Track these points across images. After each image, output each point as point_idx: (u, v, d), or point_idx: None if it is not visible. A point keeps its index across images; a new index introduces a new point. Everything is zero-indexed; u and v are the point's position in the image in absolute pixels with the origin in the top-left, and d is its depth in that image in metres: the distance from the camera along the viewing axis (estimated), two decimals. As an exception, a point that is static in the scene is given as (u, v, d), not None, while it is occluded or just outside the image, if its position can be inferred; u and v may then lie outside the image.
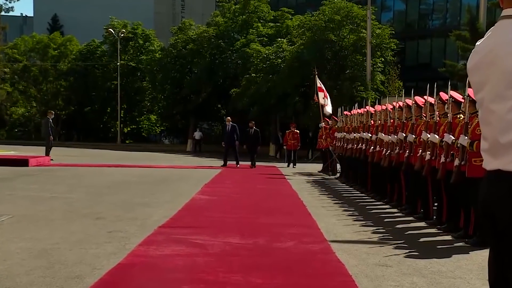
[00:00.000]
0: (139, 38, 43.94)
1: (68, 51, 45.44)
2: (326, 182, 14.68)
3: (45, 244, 5.59)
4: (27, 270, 4.61)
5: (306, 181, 14.94)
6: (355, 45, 29.65)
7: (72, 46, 45.84)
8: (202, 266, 4.96)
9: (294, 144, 21.40)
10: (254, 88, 30.94)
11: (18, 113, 47.37)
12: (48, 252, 5.25)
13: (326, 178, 16.10)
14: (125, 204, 8.88)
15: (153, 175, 15.23)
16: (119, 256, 5.20)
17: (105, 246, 5.66)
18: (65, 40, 46.17)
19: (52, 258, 5.01)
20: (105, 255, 5.24)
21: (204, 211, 8.58)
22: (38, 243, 5.65)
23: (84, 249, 5.47)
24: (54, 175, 14.20)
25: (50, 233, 6.24)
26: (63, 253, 5.24)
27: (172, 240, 6.05)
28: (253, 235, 6.52)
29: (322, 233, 6.76)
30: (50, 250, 5.35)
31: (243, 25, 37.01)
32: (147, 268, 4.85)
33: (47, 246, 5.50)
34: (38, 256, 5.08)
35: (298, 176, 16.79)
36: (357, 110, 13.73)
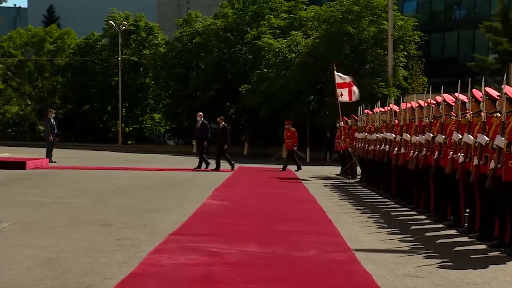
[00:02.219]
0: (141, 31, 44.12)
1: (66, 45, 45.69)
2: (346, 186, 14.70)
3: (50, 253, 5.68)
4: (34, 280, 4.69)
5: (324, 185, 14.97)
6: (376, 38, 29.62)
7: (70, 39, 46.09)
8: (219, 276, 5.02)
9: (289, 144, 20.50)
10: (266, 85, 31.00)
11: (12, 112, 47.69)
12: (55, 261, 5.33)
13: (345, 182, 16.13)
14: (132, 210, 8.97)
15: (159, 178, 15.33)
16: (130, 265, 5.28)
17: (115, 254, 5.74)
18: (63, 33, 46.42)
19: (60, 268, 5.09)
20: (116, 264, 5.32)
21: (216, 217, 8.65)
22: (44, 251, 5.74)
23: (93, 258, 5.55)
24: (54, 178, 14.34)
25: (55, 240, 6.32)
26: (71, 262, 5.32)
27: (185, 248, 6.12)
28: (271, 243, 6.58)
29: (346, 242, 6.80)
30: (56, 258, 5.44)
31: (254, 16, 37.09)
32: (161, 278, 4.92)
33: (53, 255, 5.59)
34: (45, 265, 5.17)
35: (315, 180, 16.82)
36: (380, 108, 13.74)
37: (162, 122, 45.82)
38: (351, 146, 17.11)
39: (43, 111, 46.54)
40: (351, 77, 19.47)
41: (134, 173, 16.86)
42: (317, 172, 20.45)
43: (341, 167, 18.67)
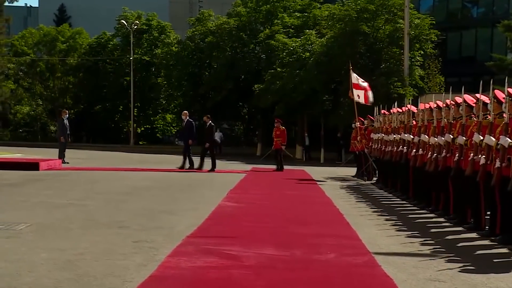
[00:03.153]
0: (153, 31, 44.32)
1: (78, 44, 45.97)
2: (362, 188, 14.69)
3: (69, 255, 5.75)
4: (55, 282, 4.76)
5: (340, 186, 14.98)
6: (391, 37, 29.56)
7: (82, 39, 46.39)
8: (239, 280, 5.06)
9: (278, 143, 20.36)
10: (279, 84, 31.03)
11: (23, 112, 48.11)
12: (74, 264, 5.40)
13: (361, 184, 16.12)
14: (147, 212, 9.04)
15: (172, 179, 15.42)
16: (149, 268, 5.34)
17: (133, 257, 5.81)
18: (74, 32, 46.74)
19: (79, 270, 5.16)
20: (134, 267, 5.38)
21: (232, 219, 8.71)
22: (62, 253, 5.81)
23: (111, 260, 5.61)
24: (67, 179, 14.48)
25: (73, 243, 6.40)
26: (90, 265, 5.39)
27: (203, 251, 6.17)
28: (288, 246, 6.61)
29: (364, 245, 6.81)
30: (75, 261, 5.51)
31: (267, 15, 37.14)
32: (180, 281, 4.97)
33: (72, 257, 5.66)
34: (64, 268, 5.24)
35: (331, 181, 16.83)
36: (397, 109, 13.72)
37: (173, 123, 45.98)
38: (367, 147, 17.08)
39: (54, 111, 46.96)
40: (367, 82, 19.41)
41: (147, 174, 16.96)
42: (332, 173, 20.46)
43: (357, 168, 18.65)
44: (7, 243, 6.25)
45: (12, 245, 6.12)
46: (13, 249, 5.95)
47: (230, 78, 36.63)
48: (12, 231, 6.92)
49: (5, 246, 6.06)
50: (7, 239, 6.46)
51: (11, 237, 6.56)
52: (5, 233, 6.78)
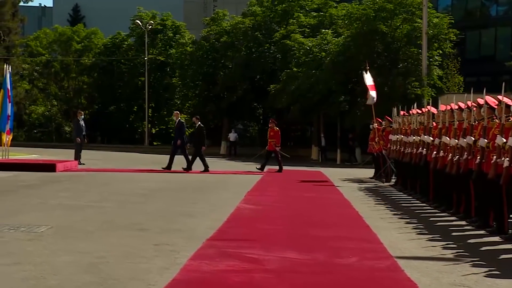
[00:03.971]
0: (168, 31, 44.52)
1: (93, 44, 46.32)
2: (381, 190, 14.67)
3: (91, 258, 5.83)
4: (79, 285, 4.83)
5: (358, 188, 14.96)
6: (409, 36, 29.46)
7: (97, 39, 46.73)
8: (262, 284, 5.10)
9: (271, 144, 20.15)
10: (295, 84, 31.05)
11: (38, 113, 48.55)
12: (97, 267, 5.48)
13: (379, 186, 16.09)
14: (165, 214, 9.12)
15: (188, 181, 15.51)
16: (172, 271, 5.39)
17: (155, 260, 5.87)
18: (90, 32, 47.12)
19: (102, 273, 5.23)
20: (157, 270, 5.44)
21: (251, 222, 8.75)
22: (84, 256, 5.89)
23: (134, 263, 5.68)
24: (84, 181, 14.62)
25: (94, 245, 6.48)
26: (113, 268, 5.46)
27: (224, 254, 6.22)
28: (310, 250, 6.64)
29: (386, 248, 6.82)
30: (98, 264, 5.58)
31: (283, 15, 37.17)
32: (203, 285, 5.03)
33: (94, 260, 5.74)
34: (88, 271, 5.31)
35: (348, 183, 16.83)
36: (416, 110, 13.68)
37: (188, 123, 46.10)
38: (385, 148, 17.05)
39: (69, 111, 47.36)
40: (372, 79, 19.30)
41: (162, 176, 17.06)
42: (350, 174, 20.45)
43: (375, 170, 18.61)
44: (30, 245, 6.34)
45: (34, 248, 6.21)
46: (35, 251, 6.04)
47: (245, 78, 36.73)
48: (33, 234, 7.01)
49: (27, 249, 6.15)
50: (29, 241, 6.56)
51: (33, 240, 6.65)
52: (27, 235, 6.88)
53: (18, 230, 7.18)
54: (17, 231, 7.15)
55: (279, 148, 20.37)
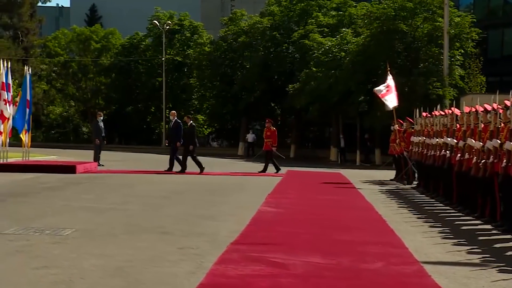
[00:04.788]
0: (186, 31, 44.73)
1: (111, 44, 46.66)
2: (402, 193, 14.64)
3: (117, 261, 5.92)
4: (108, 289, 4.92)
5: (379, 191, 14.95)
6: (430, 36, 29.32)
7: (115, 39, 47.08)
8: (288, 289, 5.15)
9: (268, 144, 20.08)
10: (314, 84, 31.03)
11: (56, 113, 49.04)
12: (124, 270, 5.56)
13: (401, 188, 16.05)
14: (188, 217, 9.21)
15: (208, 183, 15.59)
16: (198, 275, 5.46)
17: (180, 264, 5.94)
18: (107, 33, 47.48)
19: (129, 277, 5.32)
20: (183, 274, 5.51)
21: (274, 225, 8.79)
22: (110, 260, 5.99)
23: (160, 267, 5.76)
24: (105, 183, 14.78)
25: (119, 249, 6.57)
26: (139, 272, 5.54)
27: (249, 258, 6.27)
28: (334, 254, 6.67)
29: (411, 253, 6.83)
30: (125, 268, 5.67)
31: (301, 14, 37.17)
32: (231, 290, 5.09)
33: (120, 264, 5.83)
34: (115, 275, 5.40)
35: (369, 185, 16.80)
36: (439, 111, 13.63)
37: (205, 124, 46.35)
38: (407, 150, 17.00)
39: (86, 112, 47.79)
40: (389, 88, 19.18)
41: (182, 178, 17.18)
42: (370, 176, 20.41)
43: (396, 172, 18.57)
44: (56, 248, 6.45)
45: (61, 251, 6.32)
46: (62, 255, 6.15)
47: (263, 79, 36.79)
48: (58, 237, 7.13)
49: (54, 252, 6.25)
50: (55, 244, 6.67)
51: (58, 243, 6.76)
52: (53, 239, 6.99)
53: (43, 233, 7.30)
54: (42, 234, 7.28)
55: (275, 148, 20.30)
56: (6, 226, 7.65)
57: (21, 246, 6.48)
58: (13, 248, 6.39)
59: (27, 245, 6.58)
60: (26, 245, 6.57)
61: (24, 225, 7.79)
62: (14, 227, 7.60)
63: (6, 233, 7.25)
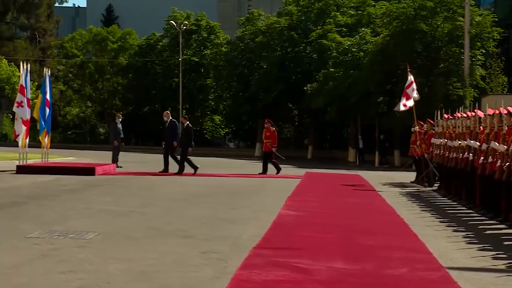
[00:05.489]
0: (203, 31, 44.89)
1: (128, 45, 46.92)
2: (424, 195, 14.59)
3: (142, 266, 6.00)
4: (134, 295, 5.00)
5: (400, 193, 14.91)
6: (451, 35, 29.17)
7: (132, 39, 47.36)
8: (314, 295, 5.19)
9: (267, 145, 20.03)
10: (332, 85, 31.01)
11: (72, 114, 49.45)
12: (148, 275, 5.64)
13: (422, 190, 15.99)
14: (208, 220, 9.27)
15: (227, 185, 15.67)
16: (223, 281, 5.52)
17: (204, 268, 6.00)
18: (124, 33, 47.78)
19: (155, 282, 5.39)
20: (208, 279, 5.57)
21: (295, 229, 8.83)
22: (134, 264, 6.07)
23: (184, 272, 5.83)
24: (124, 185, 14.92)
25: (142, 253, 6.65)
26: (164, 276, 5.62)
27: (272, 263, 6.32)
28: (358, 259, 6.68)
29: (436, 258, 6.83)
30: (149, 272, 5.74)
31: (319, 14, 37.14)
32: (256, 296, 5.13)
33: (145, 268, 5.90)
34: (140, 279, 5.48)
35: (389, 187, 16.77)
36: (462, 113, 13.57)
37: (222, 124, 46.47)
38: (427, 152, 16.94)
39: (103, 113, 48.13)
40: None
41: (201, 180, 17.27)
42: (390, 178, 20.35)
43: (416, 174, 18.48)
44: (80, 252, 6.55)
45: (85, 255, 6.41)
46: (87, 259, 6.24)
47: (281, 79, 36.83)
48: (82, 240, 7.23)
49: (79, 256, 6.35)
50: (79, 248, 6.77)
51: (83, 247, 6.86)
52: (76, 242, 7.10)
53: (67, 237, 7.41)
54: (66, 237, 7.39)
55: (275, 149, 20.27)
56: (30, 230, 7.78)
57: (47, 250, 6.58)
58: (38, 252, 6.50)
59: (52, 249, 6.68)
60: (51, 249, 6.68)
61: (47, 229, 7.91)
62: (38, 231, 7.72)
63: (31, 236, 7.37)
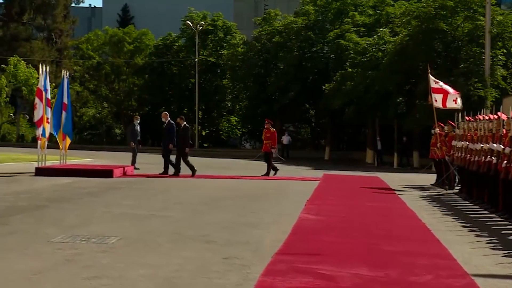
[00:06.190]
0: (219, 31, 45.00)
1: (144, 45, 47.12)
2: (444, 199, 14.55)
3: (165, 272, 6.06)
4: (160, 302, 5.06)
5: (420, 196, 14.87)
6: (471, 35, 29.02)
7: (148, 40, 47.58)
8: (339, 303, 5.21)
9: (267, 146, 20.04)
10: (350, 85, 30.96)
11: (88, 115, 49.81)
12: (173, 282, 5.70)
13: (442, 193, 15.94)
14: (230, 225, 9.33)
15: (246, 188, 15.72)
16: (246, 287, 5.57)
17: (228, 275, 6.06)
18: (140, 34, 48.01)
19: (180, 289, 5.46)
20: (231, 286, 5.63)
21: (316, 234, 8.85)
22: (158, 270, 6.14)
23: (208, 278, 5.88)
24: (142, 188, 15.03)
25: (165, 258, 6.72)
26: (188, 283, 5.68)
27: (295, 270, 6.35)
28: (381, 266, 6.70)
29: (460, 265, 6.82)
30: (173, 278, 5.81)
31: (337, 13, 37.09)
32: (281, 303, 5.17)
33: (169, 274, 5.97)
34: (164, 285, 5.55)
35: (409, 190, 16.72)
36: (484, 115, 13.50)
37: (238, 125, 46.55)
38: (448, 154, 16.87)
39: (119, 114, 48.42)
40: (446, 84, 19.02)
41: (220, 182, 17.36)
42: (410, 181, 20.29)
43: (437, 177, 18.41)
44: (104, 258, 6.63)
45: (109, 260, 6.49)
46: (110, 264, 6.32)
47: (298, 79, 36.83)
48: (105, 245, 7.31)
49: (102, 262, 6.43)
50: (102, 253, 6.86)
51: (105, 252, 6.94)
52: (99, 247, 7.18)
53: (89, 242, 7.51)
54: (89, 242, 7.48)
55: (275, 150, 20.28)
56: (53, 234, 7.88)
57: (70, 255, 6.67)
58: (62, 257, 6.59)
59: (75, 254, 6.78)
60: (74, 254, 6.77)
61: (70, 233, 8.01)
62: (61, 235, 7.83)
63: (54, 241, 7.47)
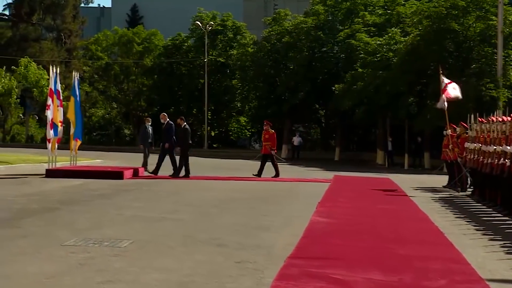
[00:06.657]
0: (228, 31, 45.06)
1: (153, 45, 47.24)
2: (457, 201, 14.51)
3: (179, 276, 6.10)
4: (174, 307, 5.09)
5: (432, 199, 14.84)
6: (483, 35, 28.92)
7: (157, 40, 47.70)
8: (353, 308, 5.23)
9: (266, 148, 19.97)
10: (361, 86, 30.92)
11: (98, 115, 50.01)
12: (187, 286, 5.74)
13: (455, 196, 15.90)
14: (241, 228, 9.36)
15: (256, 190, 15.75)
16: (260, 292, 5.60)
17: (241, 279, 6.08)
18: (149, 34, 48.13)
19: (193, 293, 5.49)
20: (245, 291, 5.66)
21: (328, 237, 8.86)
22: (171, 274, 6.17)
23: (221, 283, 5.91)
24: (153, 190, 15.10)
25: (178, 262, 6.76)
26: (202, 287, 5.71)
27: (308, 274, 6.37)
28: (395, 270, 6.70)
29: (475, 270, 6.81)
30: (187, 283, 5.84)
31: (347, 13, 37.06)
32: (295, 309, 5.19)
33: (182, 279, 6.01)
34: (179, 291, 5.59)
35: (421, 192, 16.69)
36: (497, 117, 13.47)
37: (248, 126, 46.60)
38: (461, 156, 16.83)
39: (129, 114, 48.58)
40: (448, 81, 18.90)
41: (230, 184, 17.40)
42: (421, 182, 20.25)
43: (449, 178, 18.37)
44: (117, 261, 6.67)
45: (122, 264, 6.54)
46: (124, 268, 6.36)
47: (307, 79, 36.83)
48: (117, 249, 7.36)
49: (115, 266, 6.47)
50: (115, 257, 6.90)
51: (118, 255, 6.99)
52: (112, 251, 7.23)
53: (102, 245, 7.55)
54: (101, 245, 7.53)
55: (274, 151, 20.26)
56: (66, 238, 7.93)
57: (84, 259, 6.72)
58: (76, 261, 6.64)
59: (88, 257, 6.82)
60: (87, 257, 6.82)
61: (82, 236, 8.07)
62: (74, 239, 7.88)
63: (67, 244, 7.52)
